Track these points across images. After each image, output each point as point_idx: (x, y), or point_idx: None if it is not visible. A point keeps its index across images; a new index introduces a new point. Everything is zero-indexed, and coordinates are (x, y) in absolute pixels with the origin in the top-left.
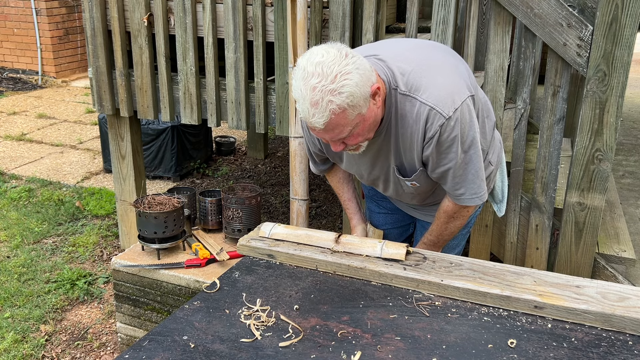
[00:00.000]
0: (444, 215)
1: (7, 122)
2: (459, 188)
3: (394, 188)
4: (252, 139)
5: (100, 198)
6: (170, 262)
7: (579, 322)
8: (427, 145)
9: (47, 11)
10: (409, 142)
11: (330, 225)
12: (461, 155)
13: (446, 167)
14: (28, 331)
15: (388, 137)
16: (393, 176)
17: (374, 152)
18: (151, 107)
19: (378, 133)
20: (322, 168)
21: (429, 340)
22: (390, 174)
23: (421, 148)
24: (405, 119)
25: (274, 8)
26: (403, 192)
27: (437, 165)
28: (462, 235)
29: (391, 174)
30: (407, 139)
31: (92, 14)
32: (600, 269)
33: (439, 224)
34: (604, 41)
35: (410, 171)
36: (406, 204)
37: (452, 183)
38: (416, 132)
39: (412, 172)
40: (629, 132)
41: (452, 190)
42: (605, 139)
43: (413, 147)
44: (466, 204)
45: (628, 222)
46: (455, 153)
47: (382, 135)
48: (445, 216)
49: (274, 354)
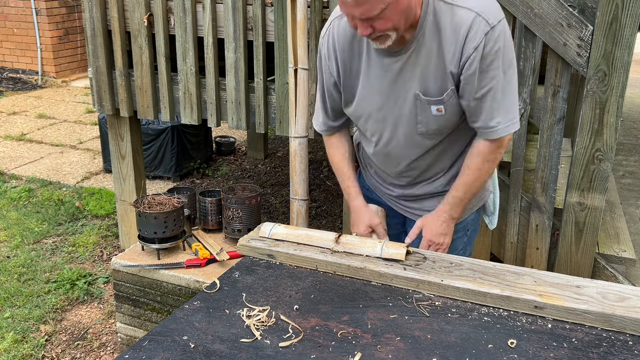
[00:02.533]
0: (478, 158)
1: (7, 122)
2: (495, 116)
3: (405, 132)
4: (252, 139)
5: (100, 198)
6: (170, 262)
7: (579, 322)
8: (469, 62)
9: (47, 11)
10: (444, 57)
11: (330, 225)
12: (501, 75)
13: (487, 88)
14: (28, 331)
15: (417, 53)
16: (410, 108)
17: (394, 74)
18: (151, 107)
19: (406, 47)
20: (330, 124)
21: (429, 340)
22: (405, 107)
23: (458, 62)
24: (442, 31)
25: (274, 8)
26: (414, 135)
27: (479, 87)
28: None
29: (407, 106)
30: (442, 54)
31: (92, 14)
32: (601, 269)
33: (469, 173)
34: (604, 41)
35: (440, 92)
36: (400, 181)
37: (489, 110)
38: (455, 44)
39: (443, 91)
40: (629, 132)
41: (487, 122)
42: (605, 139)
43: (448, 63)
44: (502, 135)
45: (628, 222)
46: (497, 70)
47: (409, 52)
48: (479, 160)
49: (274, 354)
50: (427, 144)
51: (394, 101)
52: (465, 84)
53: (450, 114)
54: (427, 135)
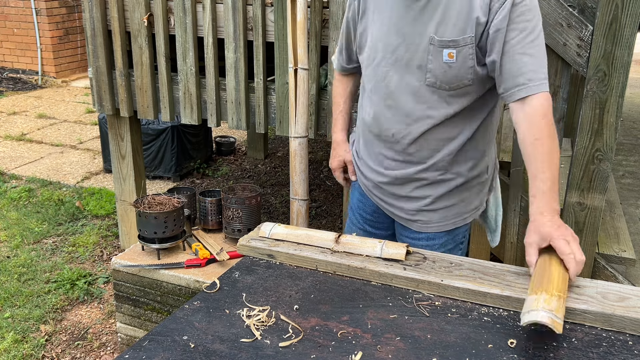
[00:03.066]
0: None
1: (7, 122)
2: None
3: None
4: (252, 139)
5: (100, 198)
6: (170, 262)
7: (578, 322)
8: (501, 9)
9: (47, 11)
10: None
11: (330, 225)
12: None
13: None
14: (28, 331)
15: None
16: (422, 54)
17: (416, 12)
18: (151, 107)
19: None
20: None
21: (429, 340)
22: (418, 52)
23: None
24: None
25: (274, 8)
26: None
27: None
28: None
29: (420, 51)
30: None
31: (92, 14)
32: (600, 269)
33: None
34: (604, 41)
35: (457, 34)
36: (391, 153)
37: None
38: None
39: (460, 35)
40: (629, 132)
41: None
42: (605, 139)
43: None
44: (531, 93)
45: (628, 222)
46: (528, 22)
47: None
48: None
49: (274, 354)
50: (430, 101)
51: (409, 44)
52: (495, 32)
53: (460, 64)
54: (434, 88)
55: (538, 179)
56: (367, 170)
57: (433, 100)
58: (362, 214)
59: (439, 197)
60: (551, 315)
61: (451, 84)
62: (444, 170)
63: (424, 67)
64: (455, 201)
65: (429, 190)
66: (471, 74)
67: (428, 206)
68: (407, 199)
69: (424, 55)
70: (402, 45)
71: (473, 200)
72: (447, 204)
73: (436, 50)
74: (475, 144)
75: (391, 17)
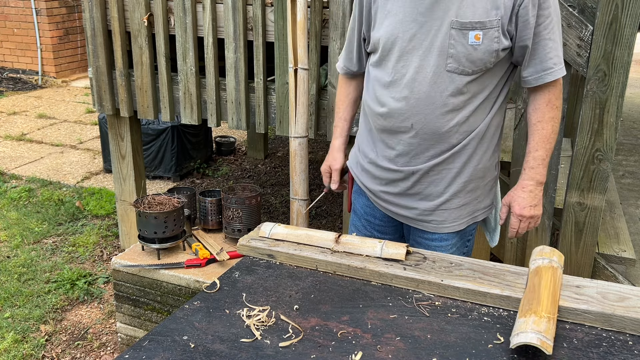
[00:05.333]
0: (548, 106)
1: (7, 122)
2: (552, 56)
3: (433, 67)
4: (252, 139)
5: (100, 198)
6: (170, 262)
7: (579, 322)
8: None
9: (47, 11)
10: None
11: (330, 225)
12: (554, 16)
13: (544, 25)
14: (28, 331)
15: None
16: (443, 40)
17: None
18: (151, 107)
19: None
20: (348, 66)
21: (429, 340)
22: (438, 38)
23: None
24: None
25: (274, 8)
26: (442, 72)
27: (536, 22)
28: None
29: (441, 36)
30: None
31: (92, 14)
32: (600, 269)
33: (544, 126)
34: (604, 41)
35: (483, 16)
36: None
37: (546, 50)
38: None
39: (487, 16)
40: (629, 132)
41: (544, 62)
42: (605, 139)
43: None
44: (558, 76)
45: (628, 222)
46: (551, 9)
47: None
48: (549, 108)
49: (274, 354)
50: (450, 89)
51: (428, 30)
52: (522, 15)
53: (485, 46)
54: (455, 73)
55: (532, 152)
56: (376, 170)
57: (452, 88)
58: (370, 219)
59: (455, 193)
60: (540, 337)
61: (474, 67)
62: (467, 157)
63: (445, 53)
64: (470, 199)
65: (443, 185)
66: (494, 57)
67: (444, 204)
68: (423, 197)
69: (445, 40)
70: (419, 32)
71: (485, 198)
72: (462, 202)
73: (460, 34)
74: (493, 132)
75: (404, 6)
